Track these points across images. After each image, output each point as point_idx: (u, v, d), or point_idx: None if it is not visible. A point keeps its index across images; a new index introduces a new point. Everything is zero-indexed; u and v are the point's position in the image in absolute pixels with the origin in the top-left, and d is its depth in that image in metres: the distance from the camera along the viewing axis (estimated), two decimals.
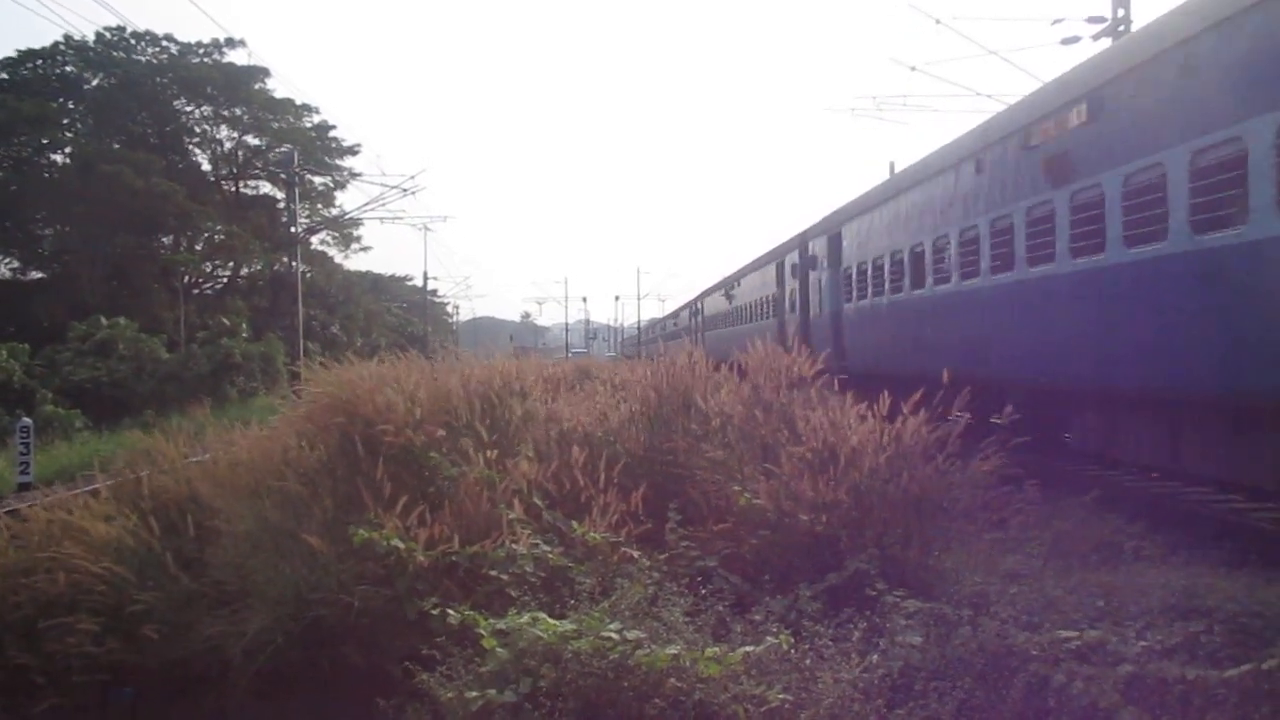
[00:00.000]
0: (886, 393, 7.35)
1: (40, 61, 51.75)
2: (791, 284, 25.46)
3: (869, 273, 17.87)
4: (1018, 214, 11.65)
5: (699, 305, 49.91)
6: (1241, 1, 7.78)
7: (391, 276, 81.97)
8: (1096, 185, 9.86)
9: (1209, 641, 5.03)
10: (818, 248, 22.52)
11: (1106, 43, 21.29)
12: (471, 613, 5.08)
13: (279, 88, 57.29)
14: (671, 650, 4.55)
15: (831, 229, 21.22)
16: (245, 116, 56.06)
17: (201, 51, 54.30)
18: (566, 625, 4.75)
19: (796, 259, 24.78)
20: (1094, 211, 9.89)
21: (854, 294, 18.97)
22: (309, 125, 57.65)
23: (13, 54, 52.09)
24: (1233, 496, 9.85)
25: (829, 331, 20.39)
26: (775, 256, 28.20)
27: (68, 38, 50.31)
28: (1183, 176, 8.39)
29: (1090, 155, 10.07)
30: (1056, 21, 25.75)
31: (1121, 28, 21.37)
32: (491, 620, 4.92)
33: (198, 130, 57.40)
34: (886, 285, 16.69)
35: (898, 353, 16.13)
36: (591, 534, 6.38)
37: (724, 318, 39.52)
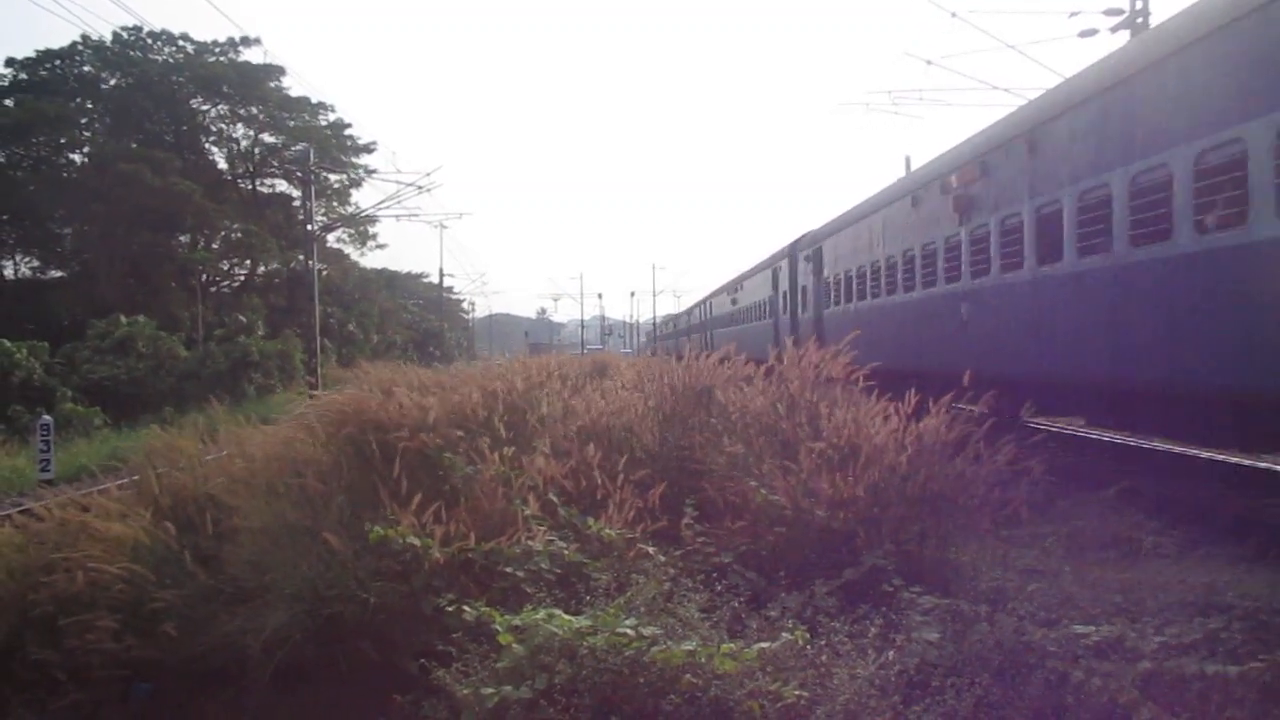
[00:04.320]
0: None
1: (58, 62, 52.16)
2: (784, 288, 28.44)
3: (842, 283, 21.54)
4: (939, 242, 14.72)
5: (708, 305, 52.07)
6: (1050, 113, 11.39)
7: (407, 274, 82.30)
8: (985, 225, 13.07)
9: (1228, 637, 5.00)
10: (804, 259, 25.81)
11: (1125, 35, 21.11)
12: (487, 609, 5.09)
13: (294, 86, 57.83)
14: (687, 646, 4.55)
15: (815, 243, 24.45)
16: (261, 115, 56.34)
17: (217, 50, 54.64)
18: (582, 621, 4.75)
19: (786, 268, 27.95)
20: (984, 244, 13.08)
21: (831, 300, 22.64)
22: (324, 123, 57.96)
23: (31, 54, 52.68)
24: (1251, 492, 9.83)
25: (813, 332, 22.45)
26: (771, 264, 31.15)
27: (85, 38, 50.85)
28: (1032, 224, 11.63)
29: (982, 202, 13.27)
30: (1074, 14, 25.48)
31: (1139, 19, 21.16)
32: (507, 616, 4.92)
33: (214, 129, 57.81)
34: (854, 294, 20.35)
35: (863, 349, 18.05)
36: (607, 530, 6.38)
37: (729, 317, 42.03)
